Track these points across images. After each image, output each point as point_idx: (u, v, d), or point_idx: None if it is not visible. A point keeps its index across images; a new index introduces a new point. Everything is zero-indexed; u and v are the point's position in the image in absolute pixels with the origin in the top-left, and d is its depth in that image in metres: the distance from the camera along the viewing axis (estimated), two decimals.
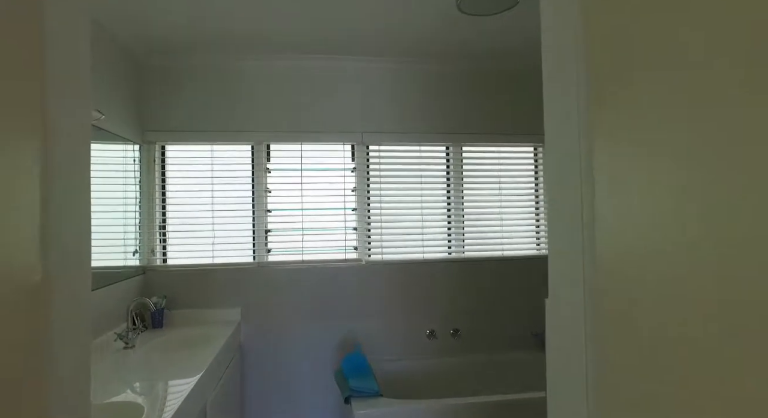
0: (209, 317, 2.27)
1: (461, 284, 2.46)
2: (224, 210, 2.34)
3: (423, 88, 2.45)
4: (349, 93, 2.40)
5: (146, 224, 2.28)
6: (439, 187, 2.49)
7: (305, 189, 2.38)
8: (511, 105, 2.51)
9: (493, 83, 2.49)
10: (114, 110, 2.01)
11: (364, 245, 2.42)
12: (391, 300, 2.41)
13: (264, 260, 2.37)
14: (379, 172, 2.44)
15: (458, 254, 2.49)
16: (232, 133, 2.32)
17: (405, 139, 2.43)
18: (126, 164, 2.13)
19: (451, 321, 2.46)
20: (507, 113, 2.50)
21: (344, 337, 2.37)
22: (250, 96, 2.34)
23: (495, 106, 2.49)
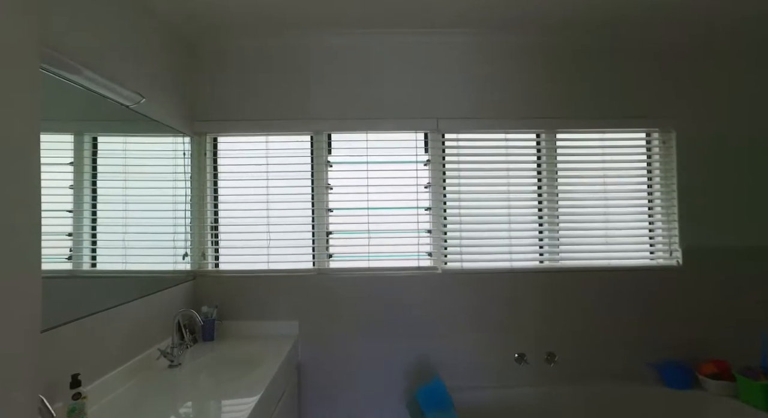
0: (264, 330, 2.02)
1: (557, 299, 2.08)
2: (281, 209, 2.08)
3: (508, 65, 2.10)
4: (422, 73, 2.09)
5: (197, 224, 2.08)
6: (528, 182, 2.13)
7: (372, 185, 2.09)
8: (619, 84, 2.11)
9: (596, 58, 2.09)
10: (161, 98, 1.79)
11: (439, 251, 2.09)
12: (472, 316, 2.07)
13: (325, 266, 2.09)
14: (458, 165, 2.11)
15: (552, 263, 2.11)
16: (289, 121, 2.07)
17: (487, 125, 2.09)
18: (176, 158, 1.93)
19: (545, 343, 2.07)
20: (613, 93, 2.10)
21: (417, 358, 2.05)
22: (309, 80, 2.09)
23: (597, 85, 2.10)
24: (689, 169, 2.10)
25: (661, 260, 2.11)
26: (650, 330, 2.08)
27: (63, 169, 1.30)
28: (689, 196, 2.09)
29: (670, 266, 2.09)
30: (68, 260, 1.31)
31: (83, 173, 1.38)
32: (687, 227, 2.08)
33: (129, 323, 1.53)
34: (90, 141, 1.43)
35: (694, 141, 2.10)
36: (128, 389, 1.41)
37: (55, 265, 1.26)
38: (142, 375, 1.52)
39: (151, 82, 1.71)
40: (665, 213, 2.12)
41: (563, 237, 2.10)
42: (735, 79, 2.13)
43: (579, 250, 2.10)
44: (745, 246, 2.10)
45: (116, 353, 1.45)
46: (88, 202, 1.40)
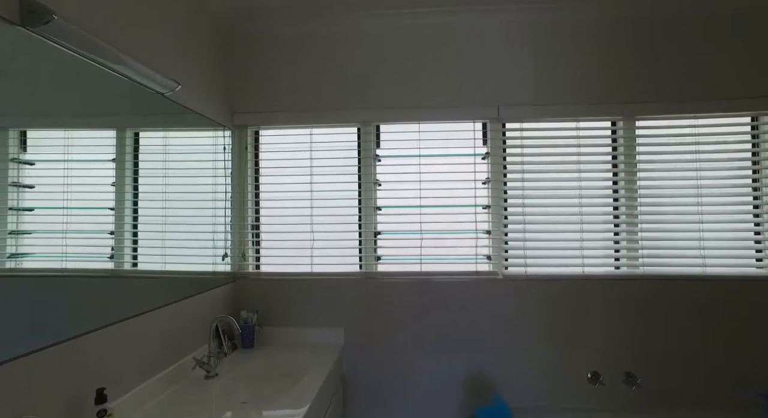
0: (307, 337, 1.91)
1: (638, 312, 1.83)
2: (325, 207, 1.97)
3: (580, 43, 1.88)
4: (482, 56, 1.90)
5: (237, 223, 2.00)
6: (602, 176, 1.90)
7: (424, 181, 1.92)
8: (714, 60, 1.84)
9: (685, 30, 1.84)
10: (200, 88, 1.70)
11: (500, 254, 1.90)
12: (538, 327, 1.86)
13: (372, 269, 1.95)
14: (521, 159, 1.91)
15: (632, 269, 1.87)
16: (335, 112, 1.95)
17: (556, 113, 1.87)
18: (216, 153, 1.85)
19: (624, 362, 1.84)
20: (706, 72, 1.84)
21: (474, 373, 1.87)
22: (356, 67, 1.96)
23: (685, 62, 1.84)
24: None
25: None
26: (761, 353, 1.79)
27: (105, 166, 1.25)
28: None
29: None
30: (110, 259, 1.25)
31: (125, 170, 1.32)
32: None
33: (163, 329, 1.42)
34: (132, 136, 1.37)
35: None
36: (160, 404, 1.29)
37: (98, 264, 1.20)
38: (175, 388, 1.40)
39: (188, 72, 1.62)
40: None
41: (644, 240, 1.86)
42: None
43: (664, 255, 1.84)
44: None
45: (148, 362, 1.33)
46: (129, 199, 1.34)
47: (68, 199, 1.09)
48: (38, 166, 1.02)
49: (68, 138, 1.10)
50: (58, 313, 1.02)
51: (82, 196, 1.13)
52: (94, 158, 1.20)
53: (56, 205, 1.06)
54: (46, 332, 0.98)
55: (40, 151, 1.02)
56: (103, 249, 1.22)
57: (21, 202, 0.97)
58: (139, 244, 1.37)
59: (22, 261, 0.97)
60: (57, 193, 1.06)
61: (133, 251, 1.36)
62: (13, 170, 0.95)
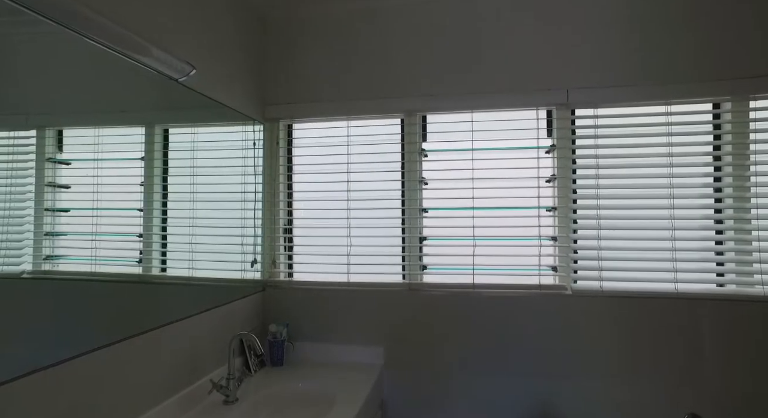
0: (342, 355, 1.95)
1: (752, 341, 1.69)
2: (364, 209, 2.00)
3: (668, 6, 1.77)
4: (546, 30, 1.83)
5: (268, 226, 2.09)
6: (702, 172, 1.77)
7: (478, 179, 1.89)
8: None
9: None
10: (228, 78, 1.80)
11: (568, 265, 1.82)
12: (616, 354, 1.76)
13: (417, 280, 1.95)
14: (595, 151, 1.83)
15: (742, 288, 1.72)
16: (375, 101, 1.97)
17: (639, 95, 1.77)
18: (245, 149, 1.95)
19: (733, 405, 1.69)
20: None
21: (536, 405, 1.82)
22: (399, 49, 1.97)
23: None
24: None
25: None
26: None
27: (134, 164, 1.36)
28: None
29: None
30: (138, 263, 1.36)
31: (153, 168, 1.43)
32: None
33: (180, 345, 1.44)
34: (161, 133, 1.48)
35: None
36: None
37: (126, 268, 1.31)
38: (190, 414, 1.42)
39: (215, 61, 1.71)
40: None
41: (763, 251, 1.70)
42: None
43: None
44: None
45: (158, 385, 1.33)
46: (158, 200, 1.44)
47: (98, 200, 1.20)
48: (73, 165, 1.13)
49: (98, 136, 1.21)
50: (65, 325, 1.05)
51: (112, 197, 1.24)
52: (124, 157, 1.32)
53: (86, 205, 1.18)
54: (58, 345, 1.02)
55: (74, 150, 1.14)
56: (131, 252, 1.33)
57: (56, 202, 1.09)
58: (168, 248, 1.48)
59: (57, 263, 1.08)
60: (87, 194, 1.17)
61: (162, 255, 1.47)
62: (49, 170, 1.07)
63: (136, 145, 1.36)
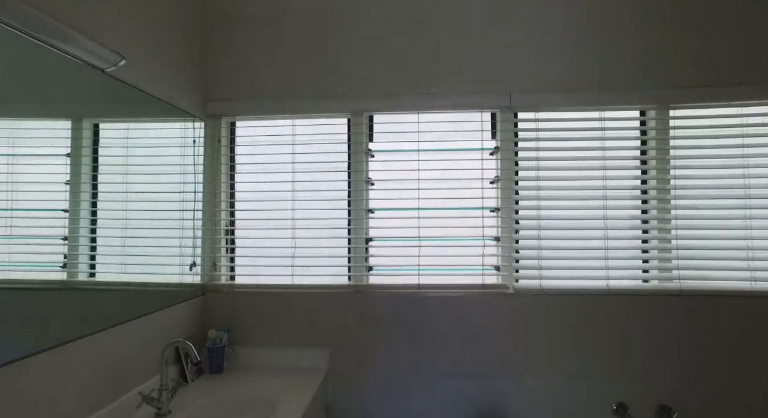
0: (286, 360, 1.95)
1: (674, 333, 1.86)
2: (309, 209, 2.02)
3: (603, 20, 1.92)
4: (490, 35, 1.93)
5: (208, 227, 2.06)
6: (631, 175, 1.94)
7: (424, 179, 1.97)
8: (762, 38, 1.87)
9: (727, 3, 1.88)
10: (165, 71, 1.75)
11: (510, 265, 1.94)
12: (554, 350, 1.89)
13: (363, 281, 2.00)
14: (536, 154, 1.96)
15: (663, 283, 1.90)
16: (321, 100, 2.00)
17: (575, 101, 1.91)
18: (185, 146, 1.92)
19: (656, 392, 1.86)
20: (753, 52, 1.87)
21: (481, 403, 1.91)
22: (346, 47, 2.01)
23: (732, 41, 1.87)
24: None
25: None
26: None
27: (58, 161, 1.30)
28: None
29: None
30: (63, 268, 1.31)
31: (81, 166, 1.38)
32: None
33: (106, 356, 1.39)
34: (90, 128, 1.43)
35: None
36: None
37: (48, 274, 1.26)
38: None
39: (151, 52, 1.68)
40: None
41: (680, 248, 1.89)
42: None
43: (703, 267, 1.87)
44: None
45: (76, 401, 1.26)
46: (87, 199, 1.40)
47: (13, 200, 1.14)
48: None
49: (14, 128, 1.16)
50: None
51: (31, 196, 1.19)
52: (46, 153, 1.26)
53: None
54: None
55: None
56: (54, 257, 1.27)
57: None
58: (98, 251, 1.43)
59: None
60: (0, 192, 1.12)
61: (91, 259, 1.42)
62: None
63: (61, 140, 1.31)
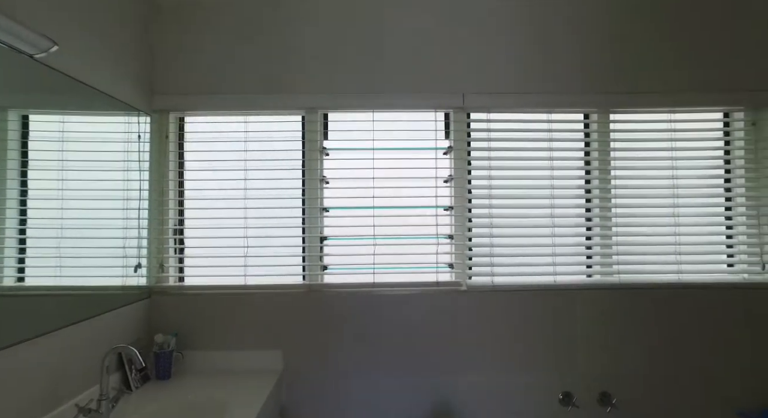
0: (238, 362, 1.89)
1: (612, 325, 1.96)
2: (262, 208, 1.97)
3: (550, 27, 1.99)
4: (446, 35, 1.96)
5: (155, 227, 1.96)
6: (575, 175, 2.02)
7: (378, 178, 1.97)
8: (696, 49, 2.00)
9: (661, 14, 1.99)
10: (106, 60, 1.66)
11: (464, 262, 1.97)
12: (506, 345, 1.94)
13: (317, 280, 1.97)
14: (487, 153, 2.00)
15: (605, 278, 2.00)
16: (274, 97, 1.96)
17: (525, 103, 1.97)
18: (129, 142, 1.82)
19: (599, 381, 1.95)
20: (681, 63, 1.99)
21: (436, 400, 1.93)
22: (300, 44, 1.98)
23: (662, 52, 1.98)
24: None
25: (746, 274, 2.00)
26: (739, 368, 1.95)
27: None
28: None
29: (760, 284, 1.97)
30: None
31: (6, 161, 1.28)
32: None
33: (36, 367, 1.29)
34: (18, 119, 1.33)
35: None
36: None
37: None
38: None
39: (89, 38, 1.59)
40: (753, 215, 2.00)
41: (619, 244, 1.99)
42: None
43: (639, 261, 1.98)
44: None
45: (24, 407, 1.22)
46: (13, 197, 1.30)
47: None
48: None
49: None
50: None
51: None
52: None
53: None
54: None
55: None
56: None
57: None
58: (28, 253, 1.33)
59: None
60: None
61: (19, 262, 1.32)
62: None
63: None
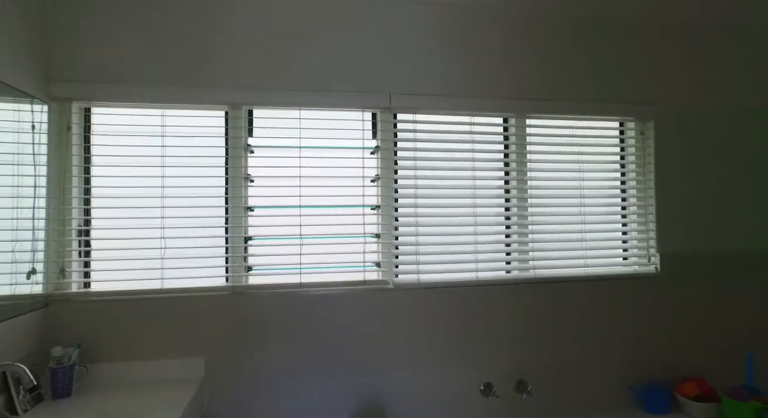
0: (154, 372, 1.75)
1: (528, 317, 2.08)
2: (181, 207, 1.85)
3: (475, 34, 2.08)
4: (374, 36, 1.98)
5: (55, 228, 1.75)
6: (496, 176, 2.13)
7: (305, 177, 1.93)
8: (597, 64, 2.17)
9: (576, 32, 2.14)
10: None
11: (390, 260, 1.99)
12: (432, 340, 1.99)
13: (242, 282, 1.89)
14: (413, 154, 2.05)
15: (522, 273, 2.12)
16: (195, 89, 1.84)
17: (449, 105, 2.03)
18: (20, 132, 1.61)
19: (516, 370, 2.07)
20: (589, 75, 2.16)
21: (366, 397, 1.92)
22: (224, 35, 1.88)
23: (574, 63, 2.15)
24: (669, 165, 2.24)
25: (637, 266, 2.23)
26: (630, 349, 2.16)
27: None
28: (669, 196, 2.23)
29: (648, 274, 2.21)
30: None
31: None
32: (666, 230, 2.22)
33: None
34: None
35: (674, 133, 2.24)
36: None
37: None
38: None
39: None
40: (642, 213, 2.24)
41: (534, 241, 2.13)
42: (724, 69, 2.32)
43: (551, 257, 2.14)
44: (731, 251, 2.28)
45: None
46: None
47: None
48: None
49: None
50: None
51: None
52: None
53: None
54: None
55: None
56: None
57: None
58: None
59: None
60: None
61: None
62: None
63: None
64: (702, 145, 2.28)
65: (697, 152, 2.27)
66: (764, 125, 2.36)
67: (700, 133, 2.28)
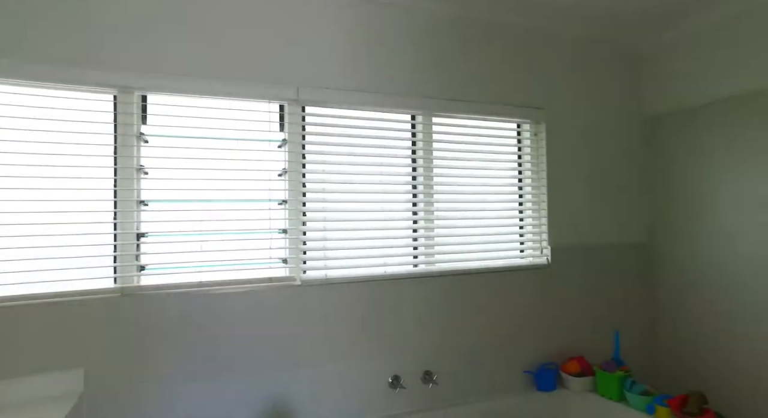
0: (20, 392, 1.52)
1: (432, 309, 2.15)
2: (57, 200, 1.64)
3: (386, 30, 2.11)
4: (283, 24, 1.93)
5: None
6: (403, 172, 2.18)
7: (207, 169, 1.81)
8: (498, 67, 2.32)
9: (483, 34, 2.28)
10: None
11: (298, 257, 1.95)
12: (341, 336, 1.98)
13: (133, 283, 1.72)
14: (322, 148, 2.02)
15: (428, 266, 2.19)
16: (80, 69, 1.64)
17: (358, 100, 2.04)
18: None
19: (423, 361, 2.12)
20: (491, 77, 2.31)
21: (274, 397, 1.85)
22: (112, 11, 1.71)
23: (479, 65, 2.28)
24: (559, 165, 2.46)
25: (531, 258, 2.42)
26: (526, 335, 2.34)
27: None
28: (559, 192, 2.45)
29: (540, 265, 2.40)
30: None
31: None
32: (557, 224, 2.44)
33: None
34: None
35: (562, 135, 2.47)
36: None
37: None
38: None
39: None
40: (536, 209, 2.44)
41: (439, 235, 2.21)
42: (608, 77, 2.62)
43: (455, 251, 2.24)
44: (607, 243, 2.57)
45: None
46: None
47: None
48: None
49: None
50: None
51: None
52: None
53: None
54: None
55: None
56: None
57: None
58: None
59: None
60: None
61: None
62: None
63: None
64: (583, 146, 2.54)
65: (580, 153, 2.53)
66: (634, 129, 2.70)
67: (584, 135, 2.55)
